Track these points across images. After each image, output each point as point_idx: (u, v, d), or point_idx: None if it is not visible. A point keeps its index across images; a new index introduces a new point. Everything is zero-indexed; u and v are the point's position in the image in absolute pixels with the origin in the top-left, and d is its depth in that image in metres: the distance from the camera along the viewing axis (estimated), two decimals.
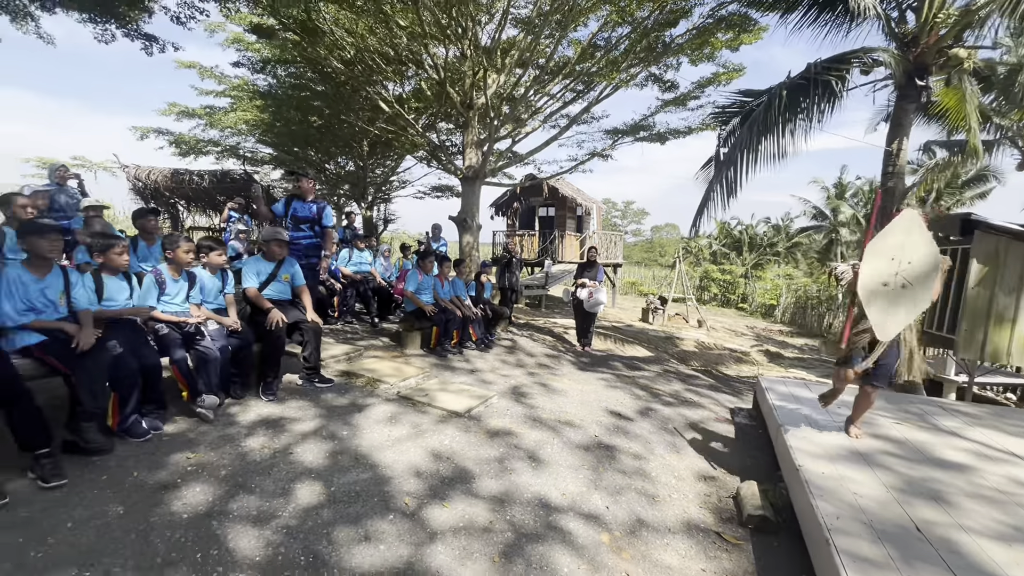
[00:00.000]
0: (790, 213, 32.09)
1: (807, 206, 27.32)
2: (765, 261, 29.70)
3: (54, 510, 2.19)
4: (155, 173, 13.98)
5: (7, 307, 2.51)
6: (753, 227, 32.41)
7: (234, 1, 8.27)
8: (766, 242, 30.90)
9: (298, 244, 4.90)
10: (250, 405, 3.58)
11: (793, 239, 30.07)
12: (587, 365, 6.76)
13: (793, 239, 30.07)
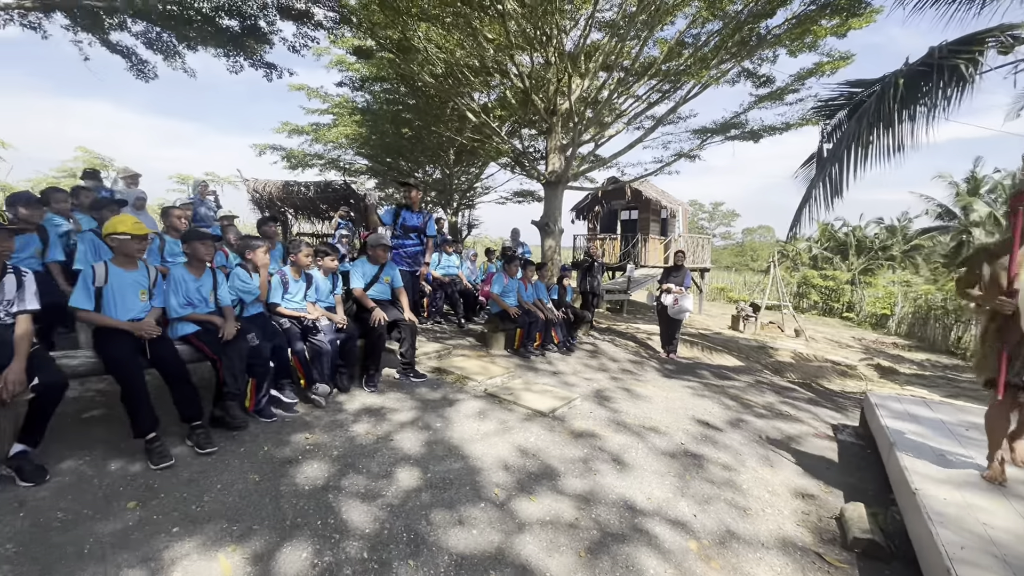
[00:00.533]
0: (908, 212, 28.59)
1: (930, 204, 24.29)
2: (876, 266, 26.76)
3: (207, 473, 2.60)
4: (269, 185, 15.66)
5: (173, 301, 3.01)
6: (862, 228, 29.35)
7: (340, 28, 9.06)
8: (877, 245, 27.83)
9: (407, 251, 5.24)
10: (355, 395, 3.94)
11: (912, 241, 26.83)
12: (672, 372, 6.58)
13: (912, 241, 26.83)
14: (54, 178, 20.70)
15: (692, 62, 8.70)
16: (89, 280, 2.70)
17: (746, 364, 8.88)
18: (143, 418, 2.60)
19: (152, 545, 2.02)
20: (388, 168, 17.90)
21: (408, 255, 5.27)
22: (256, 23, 8.40)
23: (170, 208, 4.29)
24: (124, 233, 2.80)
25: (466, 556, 2.23)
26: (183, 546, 2.04)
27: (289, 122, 15.46)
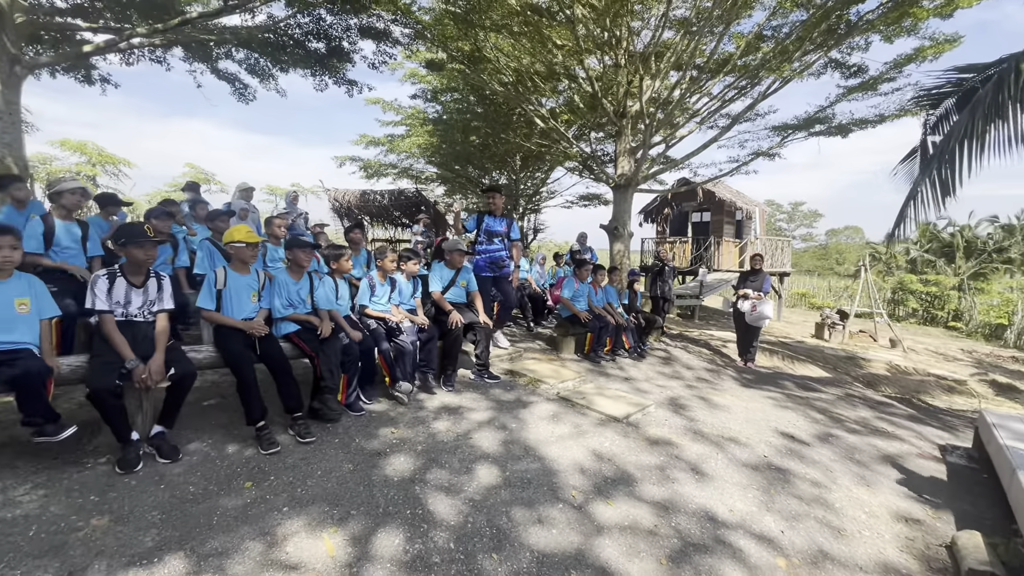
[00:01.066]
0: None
1: None
2: (989, 270, 23.82)
3: (308, 460, 2.84)
4: (348, 194, 16.69)
5: (277, 303, 3.33)
6: (972, 228, 26.26)
7: (415, 43, 9.50)
8: (991, 247, 24.77)
9: (491, 256, 5.23)
10: (434, 393, 4.13)
11: None
12: (751, 382, 6.27)
13: None
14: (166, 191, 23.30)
15: (772, 56, 8.26)
16: (212, 283, 3.06)
17: (834, 375, 8.26)
18: (254, 408, 2.90)
19: (267, 521, 2.26)
20: (456, 175, 18.45)
21: (492, 260, 5.24)
22: (340, 44, 8.99)
23: (272, 218, 4.72)
24: (240, 241, 3.14)
25: (547, 554, 2.28)
26: (292, 524, 2.26)
27: (366, 134, 16.39)
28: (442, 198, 20.58)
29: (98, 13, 7.04)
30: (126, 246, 2.66)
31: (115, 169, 15.67)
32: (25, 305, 2.41)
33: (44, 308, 2.52)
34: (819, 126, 9.74)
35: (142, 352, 2.63)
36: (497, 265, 5.26)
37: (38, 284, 2.52)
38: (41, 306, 2.50)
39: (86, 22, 6.43)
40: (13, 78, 4.72)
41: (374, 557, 2.13)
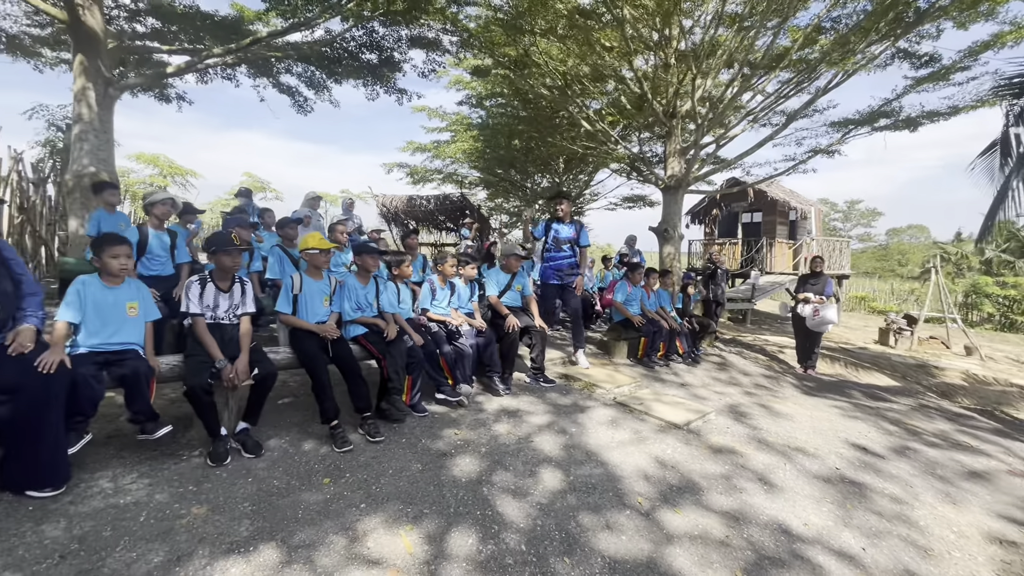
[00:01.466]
0: None
1: None
2: None
3: (379, 459, 2.95)
4: (396, 200, 17.15)
5: (347, 306, 3.47)
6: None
7: (462, 51, 9.68)
8: None
9: (559, 263, 5.18)
10: (491, 396, 4.18)
11: None
12: (813, 390, 6.01)
13: None
14: (227, 200, 24.68)
15: (832, 49, 7.90)
16: (289, 288, 3.23)
17: (903, 385, 7.79)
18: (329, 408, 3.03)
19: (347, 517, 2.36)
20: (499, 179, 18.60)
21: (560, 267, 5.18)
22: (392, 54, 9.28)
23: (334, 224, 4.93)
24: (314, 248, 3.30)
25: (618, 561, 2.27)
26: (370, 520, 2.35)
27: (413, 141, 16.80)
28: (485, 202, 20.81)
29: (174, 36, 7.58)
30: (216, 254, 2.86)
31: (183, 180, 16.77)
32: (135, 308, 2.63)
33: (149, 311, 2.74)
34: (884, 120, 9.22)
35: (228, 353, 2.81)
36: (564, 273, 5.18)
37: (144, 289, 2.74)
38: (147, 309, 2.72)
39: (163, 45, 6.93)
40: (107, 99, 5.16)
41: (450, 556, 2.18)
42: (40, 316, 2.34)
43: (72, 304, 2.45)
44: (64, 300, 2.45)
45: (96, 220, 4.22)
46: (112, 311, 2.55)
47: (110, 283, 2.59)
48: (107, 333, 2.53)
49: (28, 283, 2.33)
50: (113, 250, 2.56)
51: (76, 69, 5.04)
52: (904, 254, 49.52)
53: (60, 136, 8.96)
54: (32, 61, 8.29)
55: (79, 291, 2.47)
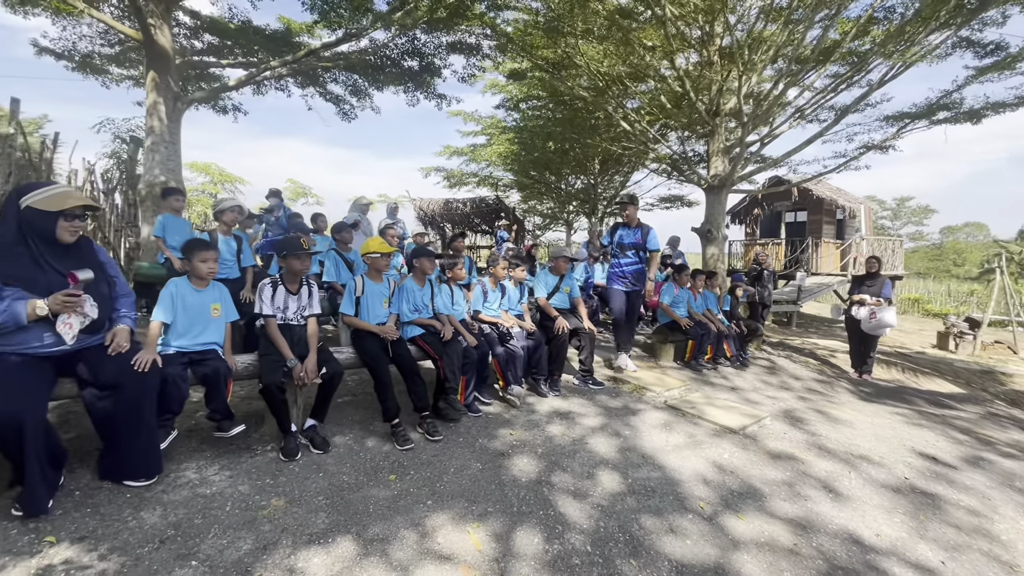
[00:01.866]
0: None
1: None
2: None
3: (440, 457, 3.02)
4: (432, 203, 17.44)
5: (404, 308, 3.57)
6: None
7: (502, 55, 9.77)
8: None
9: (625, 270, 4.99)
10: (541, 397, 4.21)
11: None
12: (871, 395, 5.77)
13: None
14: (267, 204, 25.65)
15: (886, 40, 7.57)
16: (352, 291, 3.35)
17: (968, 392, 7.37)
18: (390, 406, 3.13)
19: (416, 513, 2.43)
20: (534, 181, 18.64)
21: (626, 274, 5.00)
22: (432, 61, 9.46)
23: (385, 228, 5.07)
24: (376, 252, 3.41)
25: (685, 565, 2.26)
26: (438, 517, 2.41)
27: (450, 145, 17.04)
28: (518, 204, 20.87)
29: (229, 50, 7.96)
30: (287, 257, 2.99)
31: (232, 186, 17.55)
32: (218, 310, 2.79)
33: (229, 312, 2.90)
34: (944, 113, 8.77)
35: (297, 352, 2.94)
36: (631, 280, 5.00)
37: (225, 291, 2.90)
38: (227, 311, 2.88)
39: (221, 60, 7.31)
40: (176, 112, 5.48)
41: (517, 554, 2.22)
42: (133, 316, 2.51)
43: (165, 305, 2.62)
44: (159, 301, 2.62)
45: (162, 224, 4.48)
46: (198, 312, 2.71)
47: (198, 285, 2.76)
48: (193, 333, 2.69)
49: (121, 285, 2.50)
50: (203, 254, 2.73)
51: (148, 85, 5.40)
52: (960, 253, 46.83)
53: (125, 148, 9.54)
54: (100, 78, 8.87)
55: (172, 293, 2.64)
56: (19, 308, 2.03)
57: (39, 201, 2.16)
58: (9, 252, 2.11)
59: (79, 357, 2.28)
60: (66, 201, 2.18)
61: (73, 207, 2.19)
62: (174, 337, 2.66)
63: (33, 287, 2.10)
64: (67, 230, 2.21)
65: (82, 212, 2.26)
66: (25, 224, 2.14)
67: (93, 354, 2.31)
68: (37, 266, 2.14)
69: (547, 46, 9.02)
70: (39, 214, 2.16)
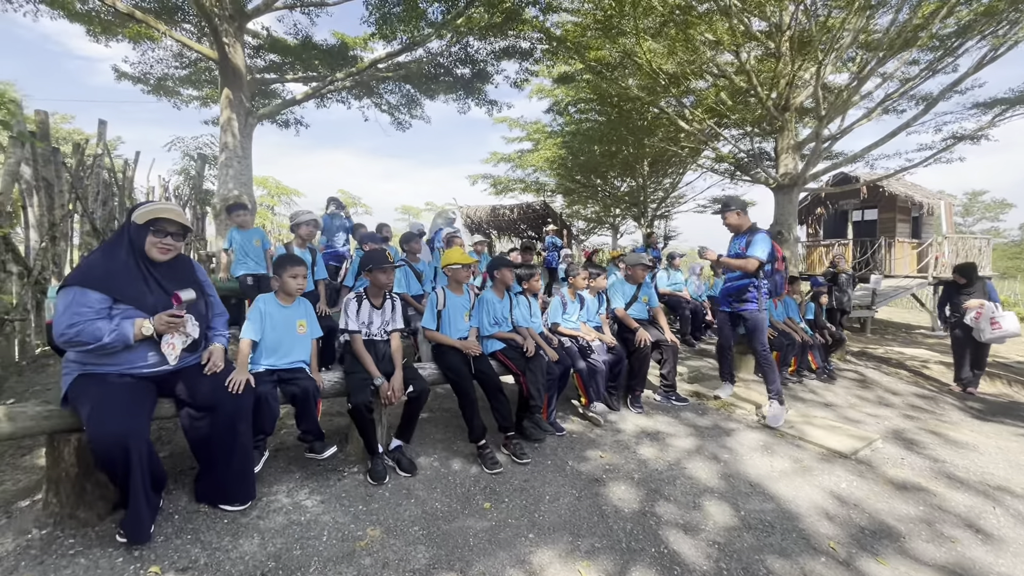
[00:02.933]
0: None
1: None
2: None
3: (531, 483, 2.82)
4: (480, 210, 17.44)
5: (485, 321, 3.41)
6: None
7: (552, 58, 9.60)
8: None
9: (727, 287, 4.16)
10: (624, 415, 3.95)
11: None
12: (984, 414, 5.17)
13: None
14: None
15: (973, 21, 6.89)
16: (434, 304, 3.22)
17: None
18: (476, 426, 2.96)
19: (519, 548, 2.24)
20: (580, 185, 18.35)
21: (728, 291, 4.18)
22: (484, 67, 9.40)
23: (452, 237, 4.96)
24: (457, 263, 3.28)
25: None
26: (544, 553, 2.21)
27: (497, 152, 17.01)
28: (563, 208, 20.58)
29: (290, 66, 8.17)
30: (372, 271, 2.89)
31: (288, 199, 18.15)
32: (304, 326, 2.71)
33: (314, 329, 2.82)
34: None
35: (383, 370, 2.83)
36: (734, 299, 4.07)
37: (310, 307, 2.83)
38: (312, 327, 2.81)
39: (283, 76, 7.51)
40: (247, 128, 5.61)
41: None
42: (226, 335, 2.46)
43: (255, 322, 2.56)
44: (248, 319, 2.57)
45: (230, 237, 4.54)
46: (286, 329, 2.65)
47: (284, 302, 2.69)
48: (282, 351, 2.62)
49: (216, 303, 2.46)
50: (293, 270, 2.66)
51: (223, 102, 5.58)
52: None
53: (193, 164, 9.97)
54: (172, 99, 9.33)
55: (261, 310, 2.59)
56: (128, 328, 1.99)
57: (138, 215, 2.14)
58: (122, 269, 2.09)
59: (178, 377, 2.24)
60: (154, 214, 2.14)
61: (159, 219, 2.14)
62: (263, 355, 2.60)
63: (141, 305, 2.07)
64: (155, 246, 2.16)
65: (177, 230, 2.21)
66: (131, 240, 2.12)
67: (191, 374, 2.26)
68: (145, 284, 2.11)
69: (600, 47, 8.80)
70: (136, 228, 2.14)
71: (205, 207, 9.38)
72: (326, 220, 5.68)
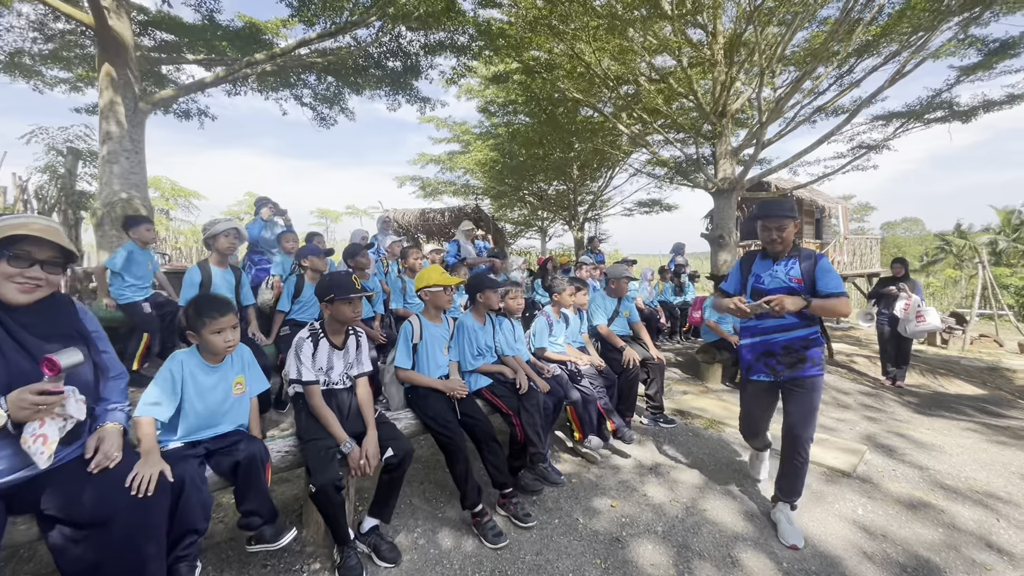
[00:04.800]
0: None
1: None
2: None
3: (545, 556, 2.30)
4: (408, 214, 16.51)
5: (467, 353, 2.83)
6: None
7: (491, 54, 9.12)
8: None
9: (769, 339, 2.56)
10: (615, 446, 3.55)
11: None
12: (923, 408, 5.45)
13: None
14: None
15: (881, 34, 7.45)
16: (408, 337, 2.59)
17: (990, 392, 7.26)
18: (470, 489, 2.39)
19: None
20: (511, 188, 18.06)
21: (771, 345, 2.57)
22: (417, 61, 8.70)
23: (408, 249, 4.29)
24: (437, 285, 2.66)
25: None
26: None
27: (425, 153, 16.23)
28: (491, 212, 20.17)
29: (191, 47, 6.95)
30: (335, 302, 2.21)
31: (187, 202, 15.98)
32: (241, 384, 1.98)
33: (256, 383, 2.08)
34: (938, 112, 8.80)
35: (350, 429, 2.17)
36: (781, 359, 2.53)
37: (248, 353, 2.08)
38: (254, 381, 2.07)
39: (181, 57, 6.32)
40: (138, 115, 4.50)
41: None
42: (126, 409, 1.69)
43: (166, 393, 1.78)
44: (155, 385, 1.79)
45: (125, 254, 3.59)
46: (216, 394, 1.90)
47: (212, 360, 1.94)
48: (211, 421, 1.88)
49: (111, 362, 1.69)
50: (217, 323, 1.86)
51: (102, 82, 4.37)
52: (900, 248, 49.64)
53: (61, 160, 8.24)
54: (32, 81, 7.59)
55: (173, 375, 1.81)
56: None
57: None
58: None
59: (43, 482, 1.46)
60: (9, 231, 1.37)
61: (17, 239, 1.38)
62: (181, 428, 1.84)
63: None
64: (12, 280, 1.39)
65: (51, 255, 1.45)
66: None
67: (67, 475, 1.49)
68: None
69: (543, 43, 8.49)
70: None
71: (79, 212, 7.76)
72: (254, 229, 4.71)
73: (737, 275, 2.71)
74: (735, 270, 2.75)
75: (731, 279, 2.75)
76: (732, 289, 2.71)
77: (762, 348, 2.58)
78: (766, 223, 2.50)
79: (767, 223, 2.50)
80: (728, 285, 2.76)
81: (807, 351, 2.48)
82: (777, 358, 2.53)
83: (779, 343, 2.52)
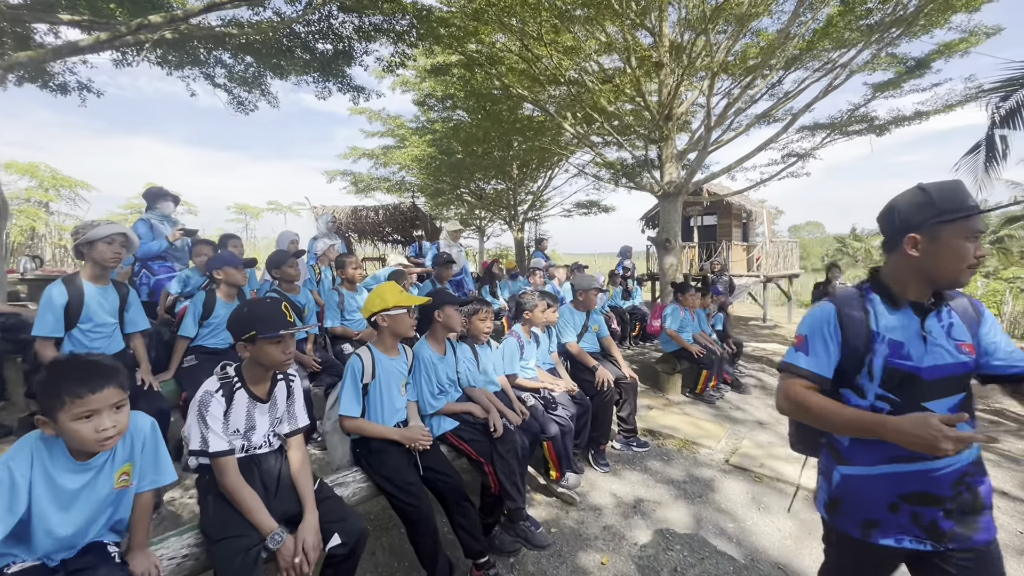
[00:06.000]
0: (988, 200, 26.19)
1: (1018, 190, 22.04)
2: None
3: None
4: (339, 211, 15.37)
5: (426, 391, 2.32)
6: None
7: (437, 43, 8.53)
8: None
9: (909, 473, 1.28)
10: (589, 478, 3.18)
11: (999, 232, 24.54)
12: None
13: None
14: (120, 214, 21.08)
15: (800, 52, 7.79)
16: (357, 376, 2.02)
17: None
18: (441, 567, 1.90)
19: None
20: (449, 186, 17.44)
21: None
22: (351, 45, 7.93)
23: (345, 257, 3.66)
24: (397, 307, 2.10)
25: None
26: None
27: (358, 147, 15.19)
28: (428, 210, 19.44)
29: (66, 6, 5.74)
30: (257, 342, 1.61)
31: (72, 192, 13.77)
32: (127, 475, 1.35)
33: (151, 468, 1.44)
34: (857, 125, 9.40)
35: (279, 509, 1.61)
36: (956, 515, 1.22)
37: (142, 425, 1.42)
38: (147, 467, 1.43)
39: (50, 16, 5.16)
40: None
41: None
42: None
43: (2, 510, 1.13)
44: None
45: None
46: (85, 496, 1.27)
47: (80, 458, 1.30)
48: (72, 530, 1.25)
49: None
50: (85, 403, 1.20)
51: None
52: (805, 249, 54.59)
53: None
54: None
55: (13, 478, 1.15)
56: None
57: None
58: None
59: None
60: None
61: None
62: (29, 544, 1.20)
63: None
64: None
65: None
66: None
67: None
68: None
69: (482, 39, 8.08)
70: None
71: None
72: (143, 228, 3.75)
73: (835, 336, 1.29)
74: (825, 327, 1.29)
75: (815, 345, 1.30)
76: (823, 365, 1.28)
77: (910, 485, 1.24)
78: (967, 230, 1.16)
79: (969, 230, 1.17)
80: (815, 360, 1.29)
81: (981, 487, 1.25)
82: (943, 505, 1.22)
83: (948, 476, 1.22)
